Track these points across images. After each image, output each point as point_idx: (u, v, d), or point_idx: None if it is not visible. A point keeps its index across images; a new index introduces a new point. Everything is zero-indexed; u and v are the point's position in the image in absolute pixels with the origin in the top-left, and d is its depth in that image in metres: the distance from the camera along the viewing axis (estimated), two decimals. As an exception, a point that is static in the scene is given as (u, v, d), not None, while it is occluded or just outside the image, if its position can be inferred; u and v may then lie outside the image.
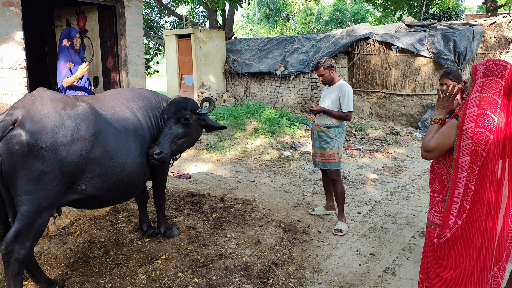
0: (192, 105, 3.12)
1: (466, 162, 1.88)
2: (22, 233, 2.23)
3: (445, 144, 1.97)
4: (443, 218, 1.98)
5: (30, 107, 2.26)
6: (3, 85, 3.77)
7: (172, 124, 3.02)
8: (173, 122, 3.03)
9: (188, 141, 3.20)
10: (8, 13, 3.74)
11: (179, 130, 3.04)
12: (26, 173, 2.18)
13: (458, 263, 1.95)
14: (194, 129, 3.19)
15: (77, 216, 3.92)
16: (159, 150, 2.86)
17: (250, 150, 7.34)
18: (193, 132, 3.19)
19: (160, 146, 2.89)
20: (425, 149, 2.04)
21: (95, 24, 5.05)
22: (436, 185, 2.10)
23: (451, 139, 1.93)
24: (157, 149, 2.86)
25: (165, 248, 3.34)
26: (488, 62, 1.89)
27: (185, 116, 3.04)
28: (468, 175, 1.89)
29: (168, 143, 2.96)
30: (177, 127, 3.04)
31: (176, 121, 3.04)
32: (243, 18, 32.50)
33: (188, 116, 3.06)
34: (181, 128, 3.05)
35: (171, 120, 3.03)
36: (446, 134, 1.97)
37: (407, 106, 9.55)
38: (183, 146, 3.17)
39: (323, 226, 4.17)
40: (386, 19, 21.19)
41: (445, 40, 8.87)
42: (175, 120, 3.03)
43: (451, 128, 1.95)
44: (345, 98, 3.99)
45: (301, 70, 10.41)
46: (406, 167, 6.62)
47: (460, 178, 1.91)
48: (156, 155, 2.85)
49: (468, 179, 1.90)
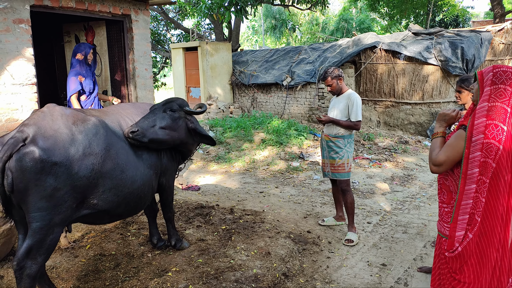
0: (180, 101, 3.12)
1: (475, 174, 1.84)
2: (33, 249, 2.24)
3: (455, 157, 1.93)
4: (450, 229, 1.94)
5: (40, 123, 2.29)
6: (14, 100, 3.85)
7: (156, 112, 3.01)
8: (159, 112, 3.02)
9: (173, 137, 3.02)
10: (18, 30, 3.84)
11: (163, 120, 2.97)
12: (39, 190, 2.20)
13: (474, 279, 1.89)
14: (181, 126, 3.08)
15: (88, 229, 3.93)
16: (136, 128, 2.79)
17: (258, 161, 7.34)
18: (179, 128, 3.05)
19: (137, 125, 2.83)
20: (434, 164, 1.99)
21: (104, 39, 5.14)
22: (444, 196, 2.07)
23: (460, 151, 1.89)
24: (134, 128, 2.79)
25: (176, 261, 3.34)
26: (495, 69, 1.84)
27: (172, 107, 3.04)
28: (478, 187, 1.85)
29: (147, 126, 2.87)
30: (161, 115, 3.00)
31: (161, 111, 3.02)
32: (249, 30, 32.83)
33: (174, 108, 3.05)
34: (165, 119, 2.98)
35: (156, 110, 3.04)
36: (454, 146, 1.93)
37: (415, 115, 9.49)
38: (166, 138, 2.98)
39: (333, 236, 4.13)
40: (392, 27, 21.24)
41: (453, 48, 8.85)
42: (160, 110, 3.03)
43: (460, 139, 1.91)
44: (353, 107, 3.98)
45: (308, 80, 10.44)
46: (415, 176, 6.54)
47: (468, 190, 1.87)
48: (131, 133, 2.76)
49: (478, 191, 1.86)
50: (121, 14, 4.87)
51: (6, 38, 3.78)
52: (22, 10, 3.88)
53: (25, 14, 3.91)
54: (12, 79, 3.85)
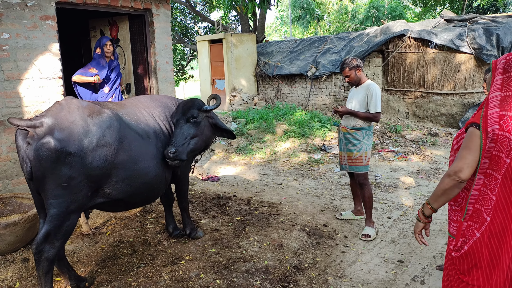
0: (198, 103, 3.16)
1: (484, 165, 1.74)
2: (51, 234, 2.37)
3: (476, 157, 1.75)
4: (457, 228, 1.85)
5: (58, 115, 2.39)
6: (42, 93, 4.05)
7: (182, 125, 3.06)
8: (183, 123, 3.07)
9: (202, 140, 3.19)
10: (45, 26, 4.01)
11: (190, 130, 3.08)
12: (55, 178, 2.32)
13: (483, 282, 1.78)
14: (205, 127, 3.20)
15: (109, 216, 4.10)
16: (173, 149, 2.91)
17: (279, 153, 7.32)
18: (204, 130, 3.19)
19: (173, 145, 2.94)
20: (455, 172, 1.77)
21: (127, 33, 5.28)
22: None
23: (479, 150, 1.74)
24: (171, 148, 2.91)
25: (190, 249, 3.42)
26: (509, 56, 1.71)
27: (193, 114, 3.08)
28: (487, 181, 1.74)
29: (181, 142, 2.99)
30: (187, 126, 3.07)
31: (185, 121, 3.08)
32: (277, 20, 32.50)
33: (195, 114, 3.10)
34: (191, 128, 3.08)
35: (180, 121, 3.08)
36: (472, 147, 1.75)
37: (446, 106, 9.09)
38: (198, 145, 3.16)
39: (350, 231, 4.07)
40: (427, 14, 20.29)
41: (487, 35, 8.36)
42: (184, 120, 3.08)
43: (476, 137, 1.75)
44: (372, 98, 3.87)
45: (333, 70, 10.24)
46: (443, 170, 6.30)
47: (475, 180, 1.78)
48: (171, 154, 2.89)
49: (486, 185, 1.75)
50: (142, 9, 4.97)
51: (33, 34, 3.96)
52: (48, 7, 4.05)
53: (51, 11, 4.07)
54: (40, 73, 4.04)
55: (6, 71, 3.81)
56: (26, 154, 2.30)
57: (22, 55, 3.89)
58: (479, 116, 1.77)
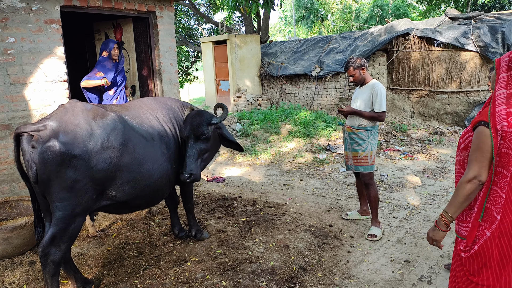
0: (206, 118, 3.12)
1: (494, 162, 1.72)
2: (57, 236, 2.38)
3: (489, 158, 1.73)
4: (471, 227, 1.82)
5: (62, 118, 2.41)
6: (47, 97, 4.08)
7: (193, 143, 3.07)
8: (193, 141, 3.07)
9: (212, 152, 3.31)
10: (50, 30, 4.04)
11: (201, 147, 3.10)
12: (60, 181, 2.33)
13: (493, 281, 1.76)
14: (213, 139, 3.25)
15: (115, 219, 4.12)
16: (187, 174, 2.99)
17: (284, 153, 7.31)
18: (213, 142, 3.26)
19: (188, 170, 3.00)
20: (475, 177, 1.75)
21: (131, 36, 5.30)
22: None
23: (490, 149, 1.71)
24: (185, 174, 2.99)
25: (195, 251, 3.42)
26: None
27: (203, 132, 3.07)
28: (498, 180, 1.72)
29: (195, 163, 3.05)
30: (198, 144, 3.08)
31: (195, 139, 3.07)
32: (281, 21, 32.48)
33: (205, 131, 3.08)
34: (202, 144, 3.10)
35: (190, 139, 3.07)
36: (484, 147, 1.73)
37: (452, 104, 9.02)
38: (209, 158, 3.28)
39: (356, 231, 4.05)
40: (431, 13, 20.15)
41: (493, 32, 8.28)
42: (194, 138, 3.07)
43: (485, 137, 1.72)
44: (377, 97, 3.85)
45: (338, 70, 10.21)
46: (449, 168, 6.24)
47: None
48: (188, 180, 3.00)
49: (495, 182, 1.73)
50: (146, 11, 4.99)
51: (38, 38, 4.00)
52: (52, 11, 4.08)
53: (56, 15, 4.11)
54: (45, 76, 4.08)
55: (12, 75, 3.84)
56: (31, 157, 2.31)
57: (28, 59, 3.92)
58: (486, 113, 1.75)
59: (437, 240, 1.95)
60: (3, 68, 3.78)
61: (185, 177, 2.99)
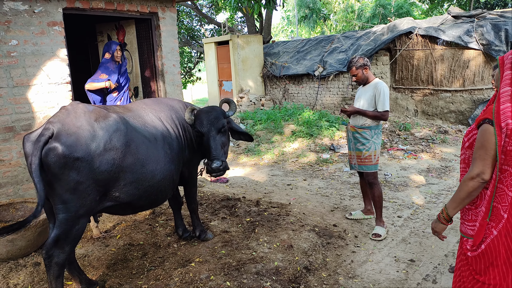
0: (222, 112, 3.25)
1: (500, 160, 1.70)
2: (61, 238, 2.39)
3: (493, 155, 1.71)
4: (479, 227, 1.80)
5: (64, 120, 2.41)
6: (50, 99, 4.09)
7: (215, 136, 3.13)
8: (215, 133, 3.13)
9: (228, 145, 3.41)
10: (53, 32, 4.05)
11: (222, 139, 3.21)
12: (63, 183, 2.33)
13: (500, 280, 1.74)
14: (228, 133, 3.39)
15: (119, 220, 4.13)
16: (219, 163, 3.03)
17: (287, 154, 7.30)
18: (228, 136, 3.38)
19: (218, 159, 3.05)
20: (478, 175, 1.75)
21: (133, 37, 5.31)
22: None
23: (494, 147, 1.70)
24: (217, 163, 3.03)
25: (199, 251, 3.42)
26: None
27: (223, 124, 3.18)
28: (504, 178, 1.70)
29: (222, 153, 3.14)
30: (220, 136, 3.18)
31: (217, 132, 3.15)
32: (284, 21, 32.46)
33: (225, 124, 3.21)
34: (223, 137, 3.22)
35: (211, 132, 3.12)
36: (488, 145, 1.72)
37: (456, 103, 8.97)
38: (227, 151, 3.39)
39: (360, 230, 4.03)
40: (434, 11, 20.06)
41: (496, 30, 8.22)
42: (216, 131, 3.14)
43: (490, 134, 1.71)
44: (380, 97, 3.84)
45: (340, 69, 10.18)
46: (454, 167, 6.20)
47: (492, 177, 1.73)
48: (222, 167, 3.04)
49: (501, 181, 1.71)
50: (148, 12, 4.99)
51: (41, 40, 4.01)
52: (55, 13, 4.09)
53: (58, 17, 4.12)
54: (48, 78, 4.09)
55: (15, 77, 3.86)
56: (33, 160, 2.31)
57: (31, 61, 3.94)
58: (490, 111, 1.73)
59: (437, 232, 2.01)
60: (7, 71, 3.80)
61: (218, 166, 3.01)
